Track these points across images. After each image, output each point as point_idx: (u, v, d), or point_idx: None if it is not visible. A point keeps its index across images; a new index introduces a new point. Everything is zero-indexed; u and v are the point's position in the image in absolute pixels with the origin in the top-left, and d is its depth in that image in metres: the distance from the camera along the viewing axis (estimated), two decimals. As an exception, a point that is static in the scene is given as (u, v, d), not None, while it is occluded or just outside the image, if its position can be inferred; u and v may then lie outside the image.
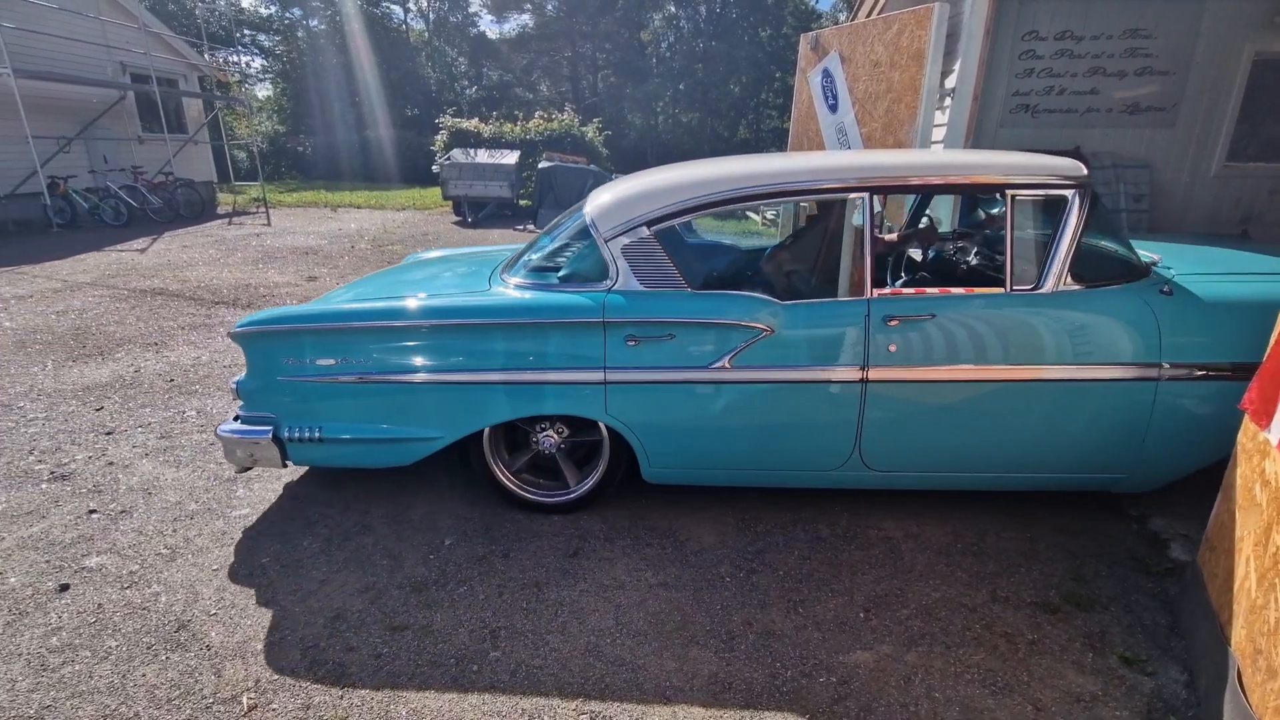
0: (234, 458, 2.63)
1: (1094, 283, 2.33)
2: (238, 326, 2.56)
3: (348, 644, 2.02)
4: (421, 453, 2.58)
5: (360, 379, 2.50)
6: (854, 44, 4.91)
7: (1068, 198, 2.32)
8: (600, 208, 2.55)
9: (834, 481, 2.58)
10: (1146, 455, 2.38)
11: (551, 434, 2.65)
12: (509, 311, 2.47)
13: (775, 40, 31.35)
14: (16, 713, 1.78)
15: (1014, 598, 2.18)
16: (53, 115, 11.71)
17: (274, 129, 28.24)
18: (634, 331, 2.39)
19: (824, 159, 2.60)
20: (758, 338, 2.35)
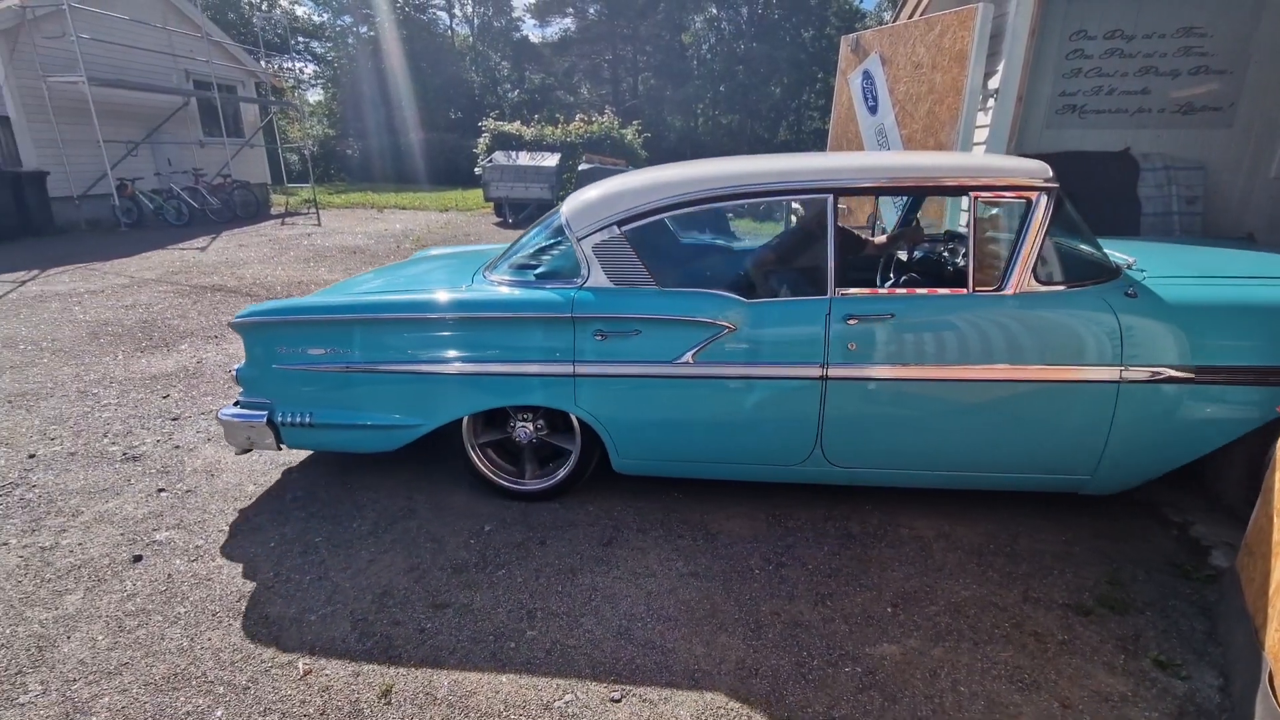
0: (234, 439, 2.81)
1: (1057, 284, 2.34)
2: (237, 317, 2.74)
3: (394, 619, 2.14)
4: (404, 439, 2.73)
5: (348, 368, 2.66)
6: (895, 45, 4.89)
7: (1031, 200, 2.33)
8: (574, 208, 2.66)
9: (798, 476, 2.63)
10: (1110, 458, 2.37)
11: (528, 425, 2.76)
12: (483, 306, 2.59)
13: (818, 41, 31.05)
14: (98, 668, 1.94)
15: (1046, 599, 2.18)
16: (122, 121, 12.38)
17: (324, 133, 29.19)
18: (602, 327, 2.49)
19: (790, 161, 2.65)
20: (720, 334, 2.42)
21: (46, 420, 3.69)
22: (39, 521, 2.71)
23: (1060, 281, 2.35)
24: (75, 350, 4.93)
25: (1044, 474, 2.47)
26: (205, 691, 1.86)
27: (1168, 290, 2.32)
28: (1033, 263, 2.32)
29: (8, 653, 2.00)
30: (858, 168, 2.53)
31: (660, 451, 2.66)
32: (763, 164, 2.61)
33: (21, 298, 6.56)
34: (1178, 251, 3.16)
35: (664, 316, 2.46)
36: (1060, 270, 2.38)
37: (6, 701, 1.82)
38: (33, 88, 10.84)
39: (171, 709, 1.80)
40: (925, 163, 2.59)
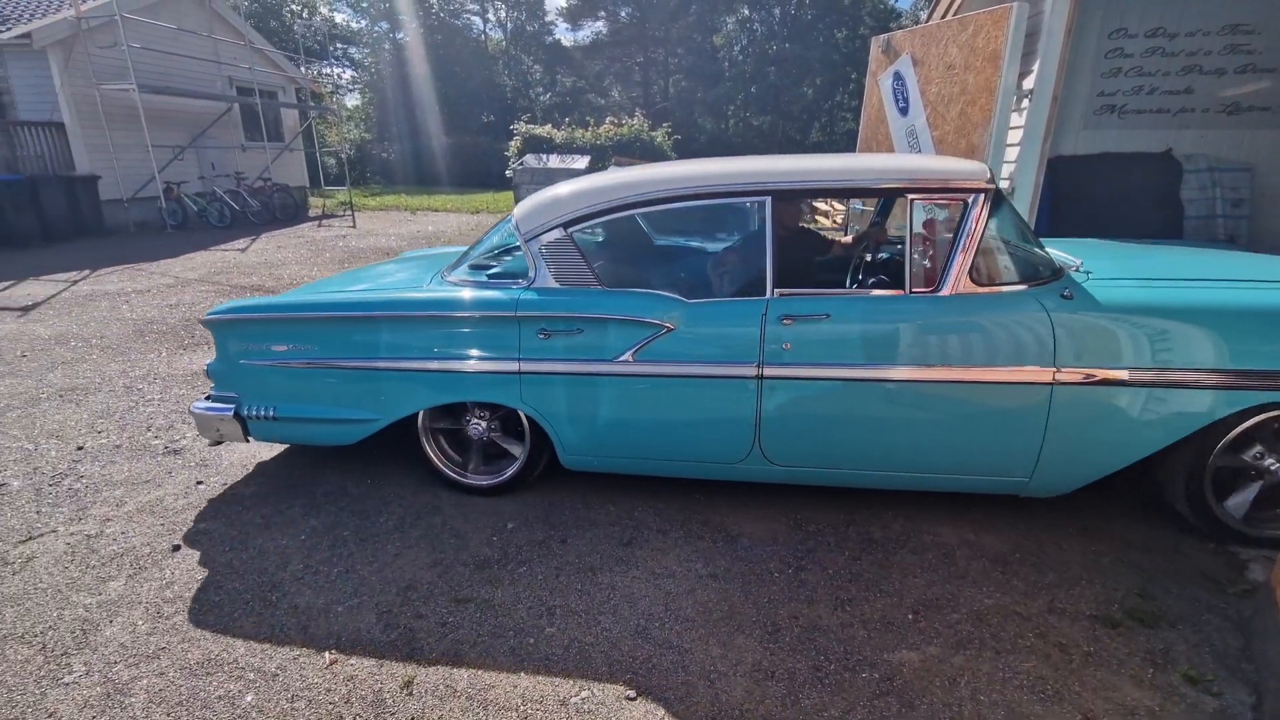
0: (205, 431, 2.94)
1: (994, 286, 2.35)
2: (207, 315, 2.87)
3: (417, 612, 2.19)
4: (362, 433, 2.83)
5: (308, 364, 2.77)
6: (927, 46, 4.82)
7: (967, 202, 2.34)
8: (524, 210, 2.73)
9: (739, 474, 2.66)
10: (1046, 460, 2.36)
11: (480, 421, 2.83)
12: (433, 305, 2.67)
13: (851, 41, 30.71)
14: (137, 651, 2.03)
15: (1072, 610, 2.13)
16: (169, 126, 12.84)
17: (360, 137, 29.85)
18: (545, 326, 2.56)
19: (732, 164, 2.67)
20: (659, 334, 2.48)
21: (94, 414, 3.85)
22: (85, 511, 2.83)
23: (997, 283, 2.36)
24: (122, 347, 5.14)
25: (982, 475, 2.47)
26: (237, 677, 1.93)
27: (1105, 293, 2.30)
28: (969, 264, 2.33)
29: (54, 635, 2.10)
30: (795, 171, 2.55)
31: (604, 448, 2.71)
32: (705, 167, 2.66)
33: (74, 296, 6.86)
34: (1136, 254, 3.13)
35: (605, 316, 2.52)
36: (998, 272, 2.39)
37: (52, 681, 1.92)
38: (86, 95, 11.31)
39: (205, 693, 1.87)
40: (862, 165, 2.60)
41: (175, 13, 12.89)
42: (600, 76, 34.89)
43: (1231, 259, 2.97)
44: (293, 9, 30.81)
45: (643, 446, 2.66)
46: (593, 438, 2.68)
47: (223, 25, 14.35)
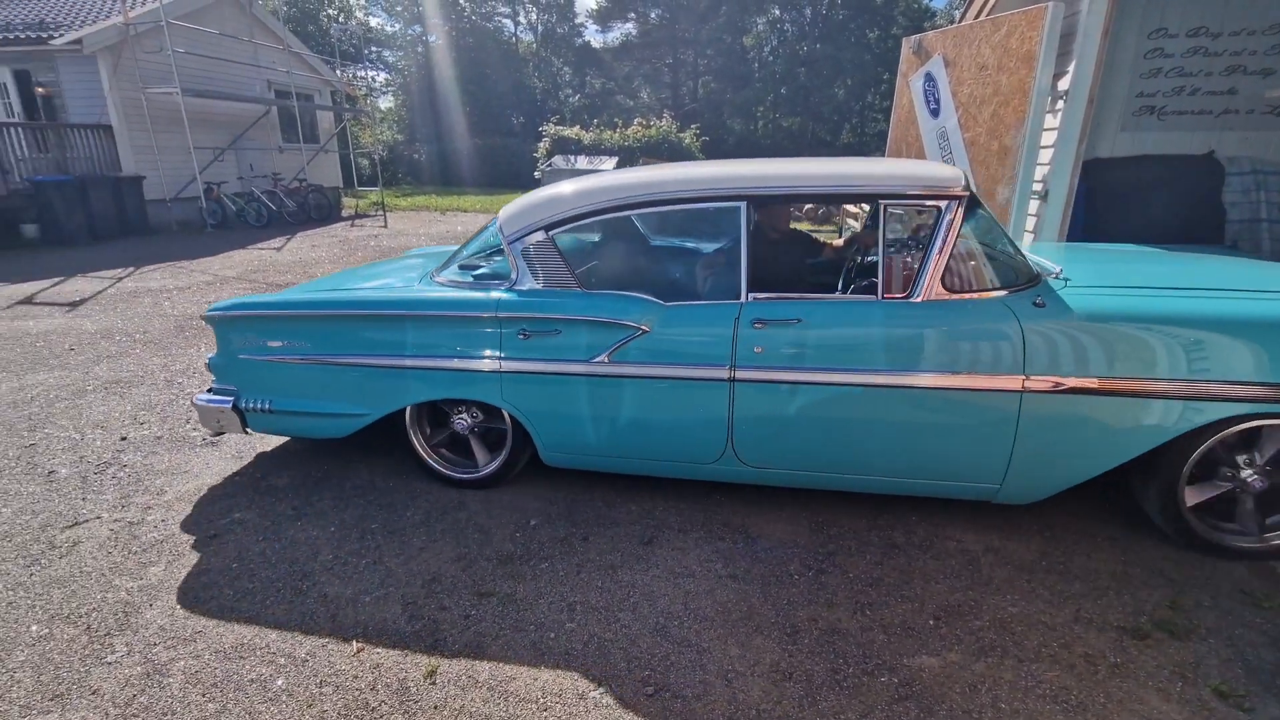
0: (207, 423, 3.05)
1: (967, 292, 2.35)
2: (209, 311, 2.99)
3: (441, 604, 2.24)
4: (352, 427, 2.92)
5: (301, 360, 2.87)
6: (959, 47, 4.76)
7: (940, 208, 2.35)
8: (507, 213, 2.81)
9: (713, 475, 2.70)
10: (1017, 467, 2.36)
11: (464, 418, 2.90)
12: (419, 305, 2.76)
13: (884, 41, 30.35)
14: (175, 634, 2.11)
15: (1099, 620, 2.10)
16: (210, 128, 13.24)
17: (393, 138, 30.38)
18: (525, 326, 2.63)
19: (709, 169, 2.71)
20: (634, 335, 2.53)
21: (137, 406, 4.00)
22: (128, 499, 2.95)
23: (970, 289, 2.37)
24: (164, 342, 5.32)
25: (953, 481, 2.48)
26: (268, 661, 2.00)
27: (1079, 301, 2.29)
28: (942, 271, 2.35)
29: (98, 616, 2.20)
30: (769, 175, 2.58)
31: (583, 446, 2.76)
32: (684, 172, 2.70)
33: (119, 293, 7.12)
34: (1125, 260, 3.10)
35: (582, 317, 2.57)
36: (971, 278, 2.39)
37: (96, 660, 2.01)
38: (133, 99, 11.73)
39: (238, 675, 1.94)
40: (837, 171, 2.61)
41: (218, 18, 13.29)
42: (629, 78, 35.00)
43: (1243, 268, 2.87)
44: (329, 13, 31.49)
45: (619, 445, 2.71)
46: (571, 436, 2.74)
47: (262, 30, 14.75)
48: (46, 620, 2.18)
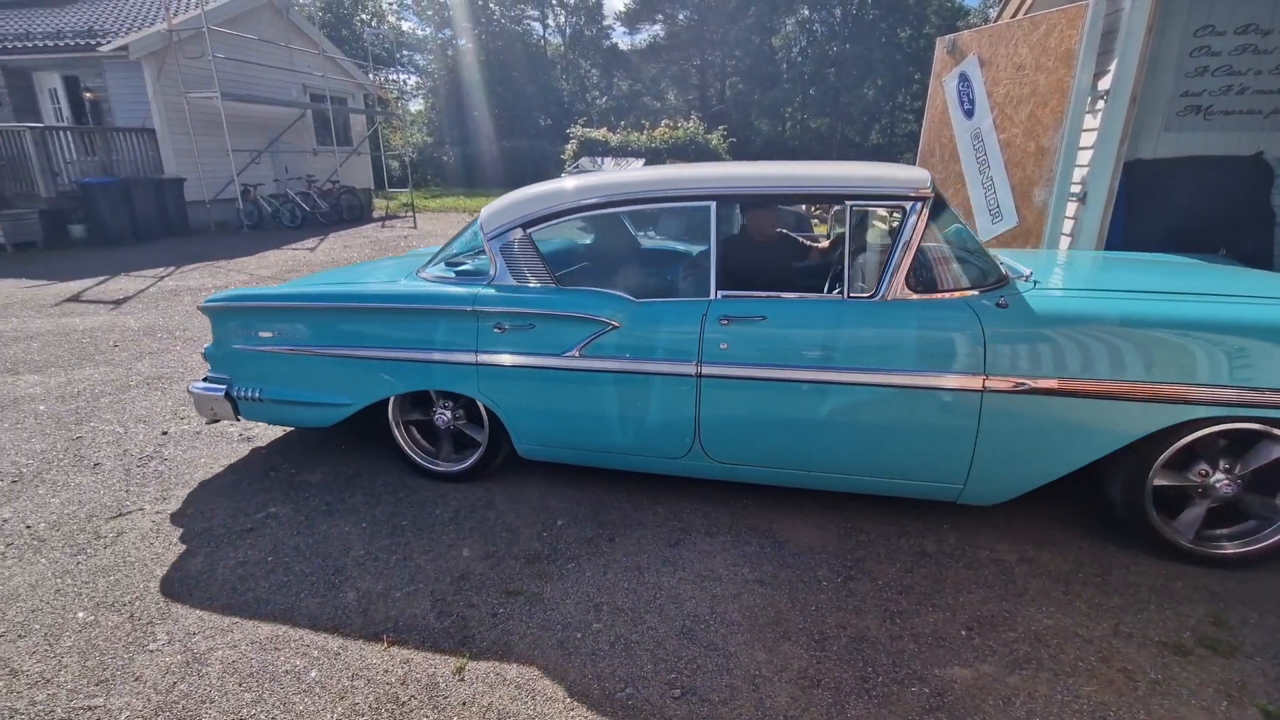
0: (202, 410, 3.17)
1: (931, 292, 2.38)
2: (205, 302, 3.10)
3: (469, 601, 2.27)
4: (337, 417, 3.00)
5: (290, 350, 2.98)
6: (995, 46, 4.68)
7: (906, 209, 2.38)
8: (488, 212, 2.90)
9: (682, 470, 2.72)
10: (979, 468, 2.36)
11: (446, 411, 2.97)
12: (400, 299, 2.85)
13: (915, 41, 29.93)
14: (213, 625, 2.17)
15: (1139, 634, 2.04)
16: (247, 131, 13.58)
17: (422, 140, 30.82)
18: (501, 320, 2.70)
19: (682, 170, 2.76)
20: (605, 331, 2.58)
21: (178, 402, 4.12)
22: (169, 491, 3.04)
23: (934, 290, 2.39)
24: (203, 340, 5.47)
25: (918, 480, 2.48)
26: (302, 653, 2.04)
27: (1042, 302, 2.30)
28: (906, 270, 2.37)
29: (141, 605, 2.27)
30: (739, 176, 2.64)
31: (556, 439, 2.81)
32: (658, 173, 2.78)
33: (160, 291, 7.34)
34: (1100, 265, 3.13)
35: (555, 313, 2.64)
36: (936, 279, 2.42)
37: (139, 648, 2.07)
38: (175, 103, 12.08)
39: (273, 667, 1.99)
40: (803, 172, 2.66)
41: (256, 24, 13.63)
42: (656, 79, 35.03)
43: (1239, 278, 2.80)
44: (363, 18, 32.09)
45: (591, 438, 2.76)
46: (544, 429, 2.80)
47: (299, 35, 15.08)
48: (92, 607, 2.26)
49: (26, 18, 13.30)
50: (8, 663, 2.01)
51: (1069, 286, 2.47)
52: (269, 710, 1.84)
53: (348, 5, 32.41)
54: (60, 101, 12.69)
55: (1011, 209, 4.56)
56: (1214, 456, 2.26)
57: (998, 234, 4.69)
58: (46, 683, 1.94)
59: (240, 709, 1.84)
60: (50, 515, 2.84)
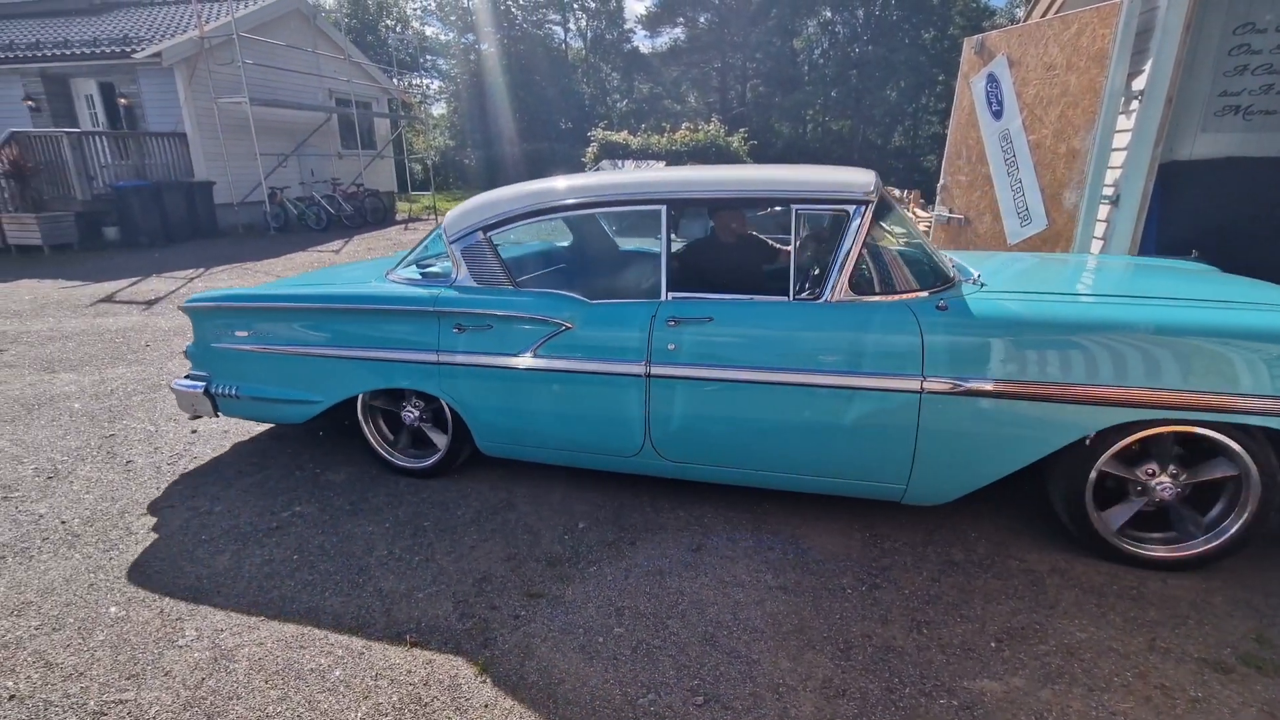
0: (184, 406, 3.30)
1: (873, 295, 2.42)
2: (186, 302, 3.21)
3: (491, 603, 2.27)
4: (308, 414, 3.12)
5: (264, 349, 3.08)
6: (1024, 46, 4.59)
7: (849, 212, 2.41)
8: (451, 216, 2.98)
9: (635, 468, 2.77)
10: (920, 468, 2.39)
11: (412, 409, 3.07)
12: (366, 300, 2.94)
13: (940, 42, 29.58)
14: (240, 622, 2.20)
15: (1177, 650, 1.98)
16: (274, 136, 13.81)
17: (445, 143, 31.13)
18: (461, 321, 2.78)
19: (636, 175, 2.86)
20: (559, 332, 2.65)
21: (206, 400, 4.18)
22: (198, 489, 3.09)
23: (877, 292, 2.43)
24: (231, 340, 5.56)
25: (862, 480, 2.51)
26: (327, 652, 2.06)
27: (982, 305, 2.32)
28: (849, 273, 2.41)
29: (171, 600, 2.30)
30: (689, 180, 2.73)
31: (514, 437, 2.88)
32: (613, 178, 2.85)
33: (190, 293, 7.47)
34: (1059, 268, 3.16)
35: (512, 314, 2.72)
36: (879, 281, 2.47)
37: (168, 643, 2.10)
38: (205, 108, 12.34)
39: (299, 664, 2.01)
40: (750, 177, 2.74)
41: (284, 30, 13.88)
42: (677, 82, 35.00)
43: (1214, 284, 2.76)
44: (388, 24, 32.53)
45: (547, 436, 2.83)
46: (502, 426, 2.87)
47: (325, 41, 15.33)
48: (124, 602, 2.30)
49: (65, 26, 13.68)
50: (42, 655, 2.05)
51: (1013, 289, 2.51)
52: (294, 708, 1.85)
53: (373, 11, 32.88)
54: (96, 107, 13.02)
55: (1041, 212, 4.47)
56: (1165, 459, 2.26)
57: (1026, 237, 4.60)
58: (79, 675, 1.97)
59: (266, 706, 1.86)
60: (84, 511, 2.90)
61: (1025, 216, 4.61)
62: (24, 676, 1.97)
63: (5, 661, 2.03)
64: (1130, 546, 2.35)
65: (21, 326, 6.09)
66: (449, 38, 34.86)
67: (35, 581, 2.42)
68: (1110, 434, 2.21)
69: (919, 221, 12.40)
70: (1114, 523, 2.34)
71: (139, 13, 14.19)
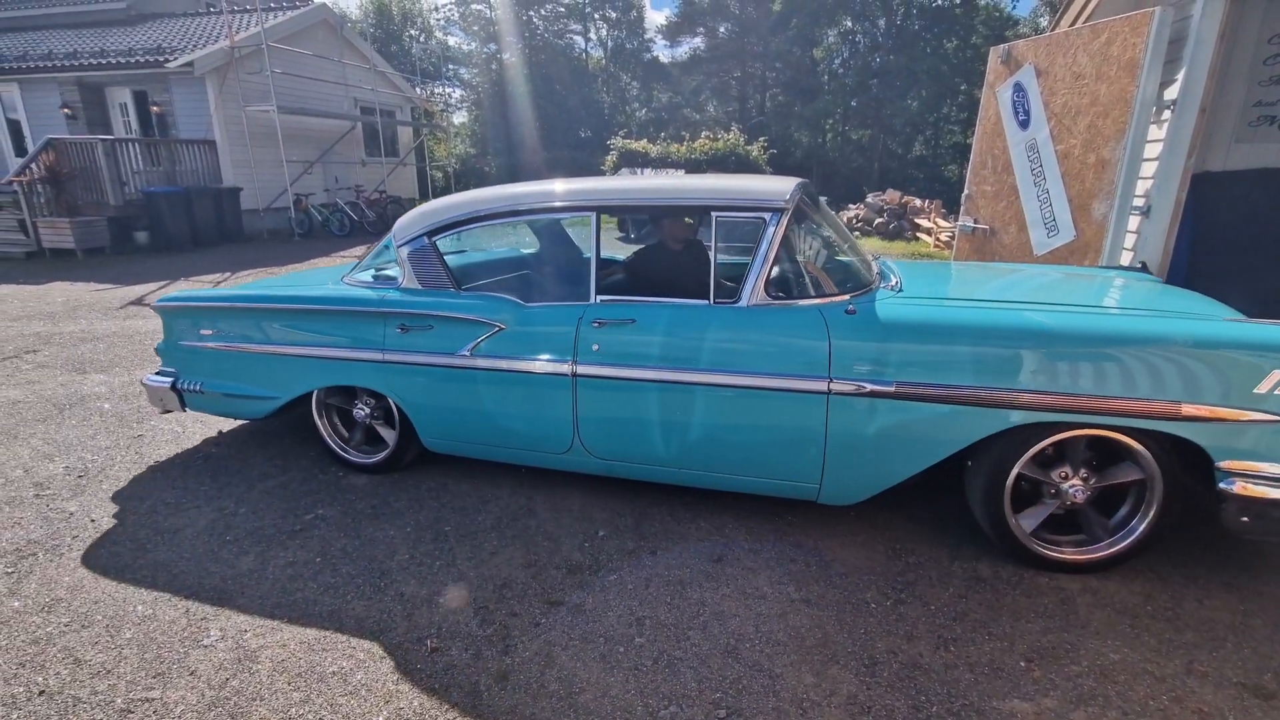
0: (154, 401, 3.43)
1: (788, 299, 2.50)
2: (158, 302, 3.37)
3: (511, 610, 2.27)
4: (267, 409, 3.25)
5: (225, 347, 3.23)
6: (1052, 55, 4.54)
7: (765, 219, 2.52)
8: (400, 222, 3.12)
9: (566, 464, 2.87)
10: (831, 468, 2.47)
11: (364, 406, 3.19)
12: (319, 301, 3.08)
13: (962, 51, 29.35)
14: (263, 623, 2.21)
15: (1215, 674, 1.92)
16: (300, 143, 14.04)
17: (466, 151, 31.47)
18: (404, 321, 2.91)
19: (568, 184, 2.97)
20: (493, 332, 2.77)
21: (232, 402, 4.24)
22: (223, 490, 3.12)
23: (792, 296, 2.52)
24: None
25: (779, 480, 2.58)
26: (348, 655, 2.06)
27: (890, 310, 2.40)
28: (765, 277, 2.50)
29: (196, 601, 2.32)
30: (617, 189, 2.89)
31: (456, 434, 3.00)
32: (546, 186, 2.99)
33: (217, 295, 7.60)
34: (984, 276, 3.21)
35: (451, 315, 2.84)
36: (794, 286, 2.56)
37: (193, 643, 2.12)
38: (234, 116, 12.60)
39: (320, 667, 2.01)
40: (676, 185, 2.86)
41: (311, 40, 14.15)
42: (696, 91, 35.07)
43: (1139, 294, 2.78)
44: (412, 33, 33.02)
45: (484, 433, 2.93)
46: (443, 423, 2.99)
47: (351, 51, 15.59)
48: (150, 601, 2.32)
49: (101, 36, 14.07)
50: (71, 651, 2.08)
51: (926, 295, 2.56)
52: (316, 710, 1.86)
53: (397, 21, 33.40)
54: (129, 114, 13.35)
55: (1069, 222, 4.40)
56: (1078, 462, 2.31)
57: (1053, 248, 4.53)
58: (107, 673, 2.00)
59: (289, 708, 1.87)
60: (113, 509, 2.94)
61: (1052, 227, 4.55)
62: (53, 673, 2.00)
63: (36, 657, 2.06)
64: (1044, 549, 2.39)
65: (54, 328, 6.23)
66: (471, 47, 35.31)
67: (65, 578, 2.46)
68: (1029, 436, 2.25)
69: (940, 231, 12.28)
70: (1028, 525, 2.37)
71: (172, 23, 14.54)
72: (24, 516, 2.89)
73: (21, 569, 2.52)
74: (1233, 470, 2.10)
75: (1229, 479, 2.10)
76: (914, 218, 13.80)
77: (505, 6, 32.29)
